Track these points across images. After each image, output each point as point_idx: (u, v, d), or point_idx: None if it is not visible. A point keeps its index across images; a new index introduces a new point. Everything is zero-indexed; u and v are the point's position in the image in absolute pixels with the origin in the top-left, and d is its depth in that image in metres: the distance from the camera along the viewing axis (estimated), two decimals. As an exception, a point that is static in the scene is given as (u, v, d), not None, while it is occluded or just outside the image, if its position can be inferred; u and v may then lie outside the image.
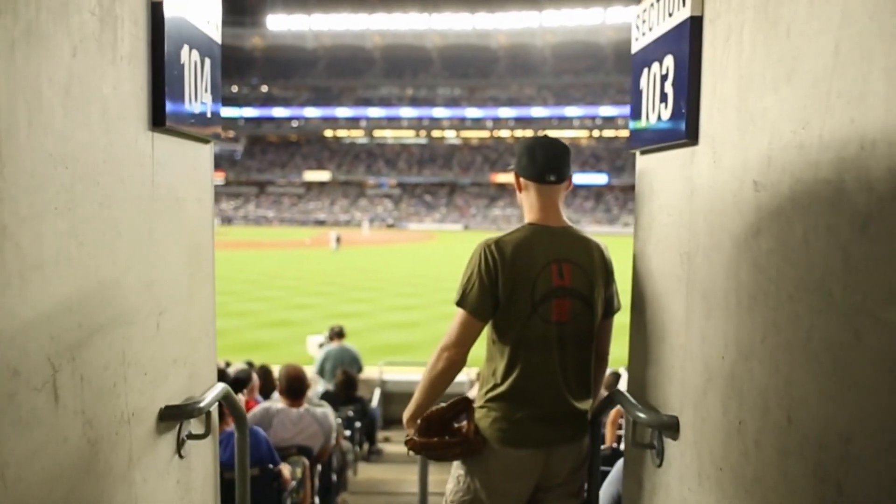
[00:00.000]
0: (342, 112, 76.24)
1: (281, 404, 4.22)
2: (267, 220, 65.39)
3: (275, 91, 78.59)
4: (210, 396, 2.00)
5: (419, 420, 2.10)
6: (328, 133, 78.88)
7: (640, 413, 1.91)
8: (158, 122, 1.72)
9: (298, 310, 17.05)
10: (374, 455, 7.10)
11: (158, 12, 1.70)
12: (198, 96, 1.97)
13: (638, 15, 2.13)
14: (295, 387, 4.20)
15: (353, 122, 76.91)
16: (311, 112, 76.57)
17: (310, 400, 4.44)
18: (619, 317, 2.22)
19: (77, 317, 1.36)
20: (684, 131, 1.73)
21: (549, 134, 2.18)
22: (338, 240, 35.95)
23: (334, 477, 4.82)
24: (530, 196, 2.12)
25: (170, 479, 1.86)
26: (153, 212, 1.74)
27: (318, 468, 4.30)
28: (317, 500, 4.28)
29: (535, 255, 2.02)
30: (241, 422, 2.44)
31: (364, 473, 6.29)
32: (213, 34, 2.11)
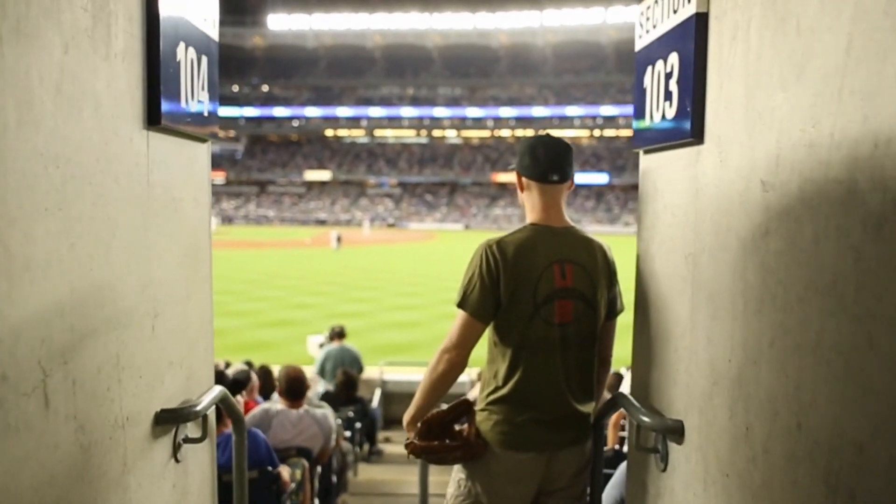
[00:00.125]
0: (343, 111, 76.26)
1: (280, 405, 4.19)
2: (267, 220, 65.44)
3: (275, 90, 78.62)
4: (207, 399, 1.97)
5: (419, 423, 2.07)
6: (329, 132, 78.92)
7: (644, 417, 1.87)
8: (154, 120, 1.69)
9: (299, 309, 17.03)
10: (374, 456, 7.08)
11: (153, 9, 1.66)
12: (194, 94, 1.94)
13: (641, 12, 2.10)
14: (294, 388, 4.18)
15: (353, 122, 76.93)
16: (312, 111, 76.60)
17: (310, 401, 4.41)
18: (622, 316, 2.20)
19: (69, 319, 1.33)
20: (689, 130, 1.70)
21: (550, 133, 2.14)
22: (338, 239, 35.96)
23: (334, 478, 4.80)
24: (532, 196, 2.09)
25: (165, 483, 1.83)
26: (149, 212, 1.71)
27: (318, 470, 4.28)
28: (316, 501, 4.25)
29: (538, 255, 1.99)
30: (238, 425, 2.41)
31: (364, 474, 6.27)
32: (211, 32, 2.08)
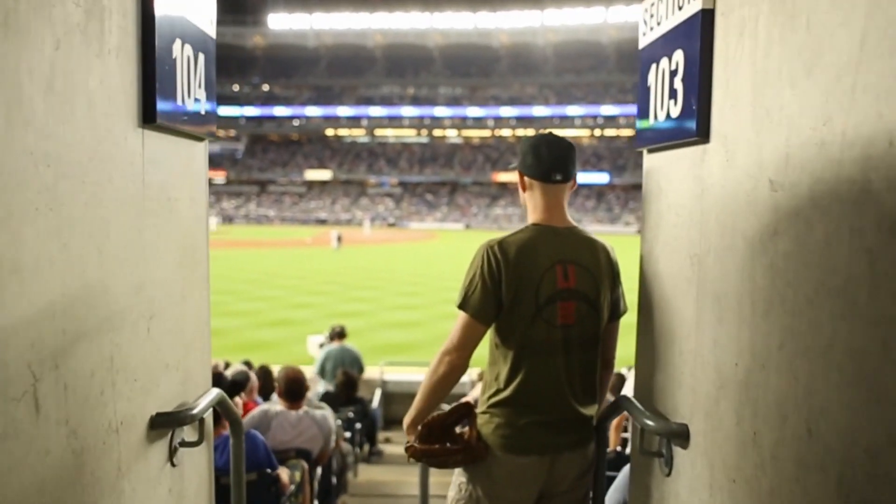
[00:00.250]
0: (343, 111, 76.24)
1: (280, 406, 4.16)
2: (268, 219, 65.44)
3: (276, 90, 78.60)
4: (204, 402, 1.94)
5: (420, 426, 2.04)
6: (329, 132, 78.89)
7: (648, 420, 1.84)
8: (149, 118, 1.66)
9: (299, 309, 17.00)
10: (374, 456, 7.06)
11: (148, 4, 1.63)
12: (191, 92, 1.90)
13: (645, 9, 2.06)
14: (294, 389, 4.15)
15: (354, 121, 76.89)
16: (313, 111, 76.58)
17: (309, 401, 4.38)
18: (624, 316, 2.17)
19: (60, 322, 1.30)
20: (695, 129, 1.66)
21: (553, 132, 2.11)
22: (339, 239, 35.94)
23: (334, 479, 4.77)
24: (535, 195, 2.06)
25: (161, 488, 1.80)
26: (144, 211, 1.68)
27: (318, 471, 4.25)
28: (316, 503, 4.22)
29: (540, 256, 1.96)
30: (236, 428, 2.38)
31: (364, 475, 6.24)
32: (208, 29, 2.05)
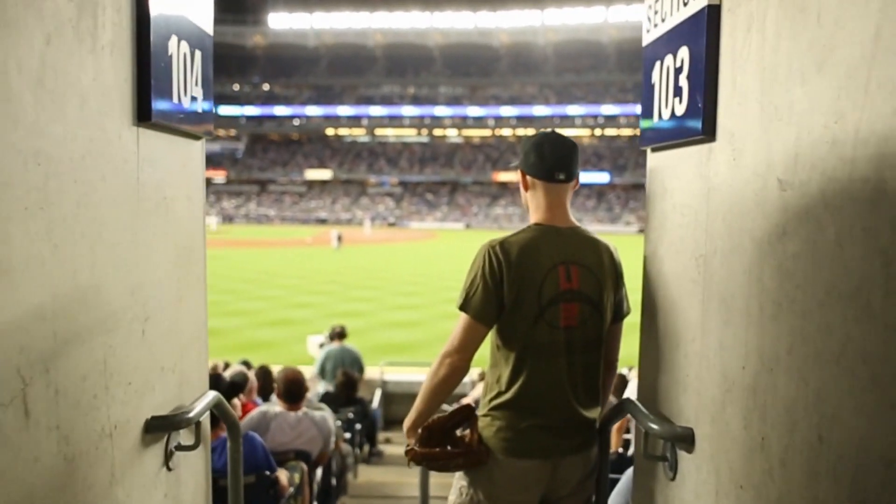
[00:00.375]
0: (344, 110, 76.18)
1: (279, 408, 4.13)
2: (268, 219, 65.40)
3: (276, 89, 78.56)
4: (200, 406, 1.91)
5: (420, 429, 2.01)
6: (330, 131, 78.82)
7: (653, 424, 1.81)
8: (144, 116, 1.62)
9: (299, 309, 16.97)
10: (374, 457, 7.02)
11: (143, 1, 1.59)
12: (188, 90, 1.87)
13: (649, 6, 2.03)
14: (293, 390, 4.11)
15: (354, 121, 76.84)
16: (313, 110, 76.53)
17: (309, 402, 4.35)
18: (628, 316, 2.13)
19: (51, 325, 1.27)
20: (701, 127, 1.63)
21: (556, 131, 2.07)
22: (339, 238, 35.90)
23: (333, 480, 4.74)
24: (537, 195, 2.02)
25: (157, 493, 1.77)
26: (138, 211, 1.64)
27: (318, 473, 4.21)
28: (315, 504, 4.19)
29: (542, 256, 1.92)
30: (234, 430, 2.35)
31: (364, 476, 6.21)
32: (205, 26, 2.01)
